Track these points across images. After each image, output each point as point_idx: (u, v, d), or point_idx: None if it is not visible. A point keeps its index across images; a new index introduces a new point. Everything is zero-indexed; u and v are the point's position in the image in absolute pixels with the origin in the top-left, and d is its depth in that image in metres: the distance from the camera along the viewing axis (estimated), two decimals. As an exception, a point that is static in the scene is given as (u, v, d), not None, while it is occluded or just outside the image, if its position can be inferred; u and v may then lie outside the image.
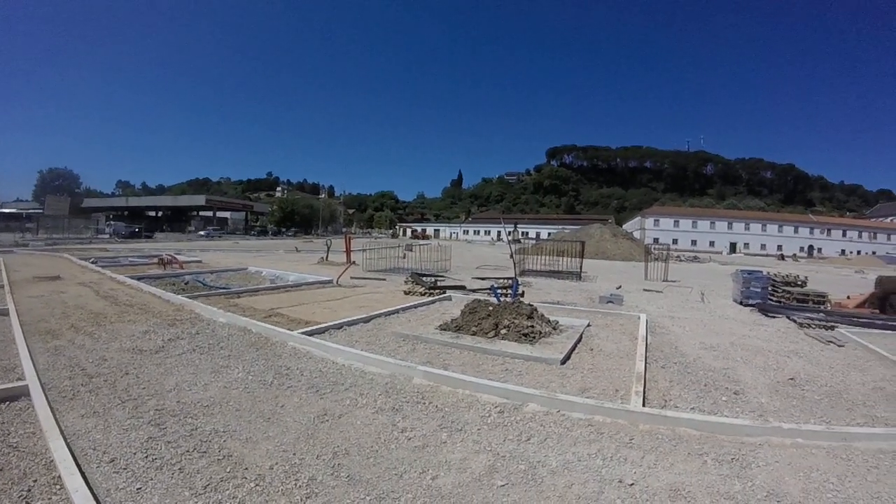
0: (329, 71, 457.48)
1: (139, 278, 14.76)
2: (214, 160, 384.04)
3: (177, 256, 21.45)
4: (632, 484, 3.90)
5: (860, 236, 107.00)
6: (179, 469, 3.81)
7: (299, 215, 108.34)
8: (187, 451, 4.08)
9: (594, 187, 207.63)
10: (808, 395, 6.43)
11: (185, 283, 14.82)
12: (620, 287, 18.42)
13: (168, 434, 4.39)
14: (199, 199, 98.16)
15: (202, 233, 74.22)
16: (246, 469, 3.85)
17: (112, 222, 68.97)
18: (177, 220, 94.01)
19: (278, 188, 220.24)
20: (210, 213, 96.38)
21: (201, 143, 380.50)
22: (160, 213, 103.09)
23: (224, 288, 14.22)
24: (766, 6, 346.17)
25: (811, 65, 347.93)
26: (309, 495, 3.54)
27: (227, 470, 3.82)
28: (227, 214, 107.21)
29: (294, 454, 4.14)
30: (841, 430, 5.04)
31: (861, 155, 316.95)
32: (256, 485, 3.63)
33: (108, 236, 57.30)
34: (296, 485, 3.66)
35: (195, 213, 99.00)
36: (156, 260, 20.79)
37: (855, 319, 12.11)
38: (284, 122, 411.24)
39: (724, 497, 3.75)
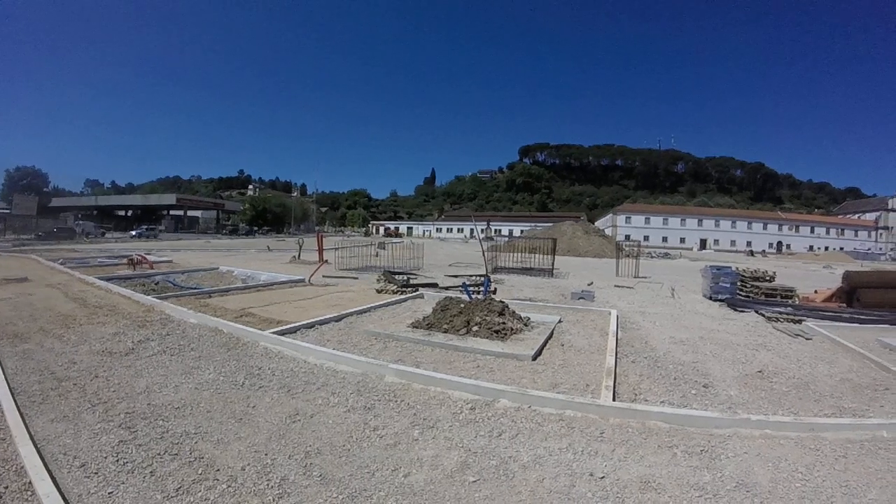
0: (302, 70, 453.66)
1: (108, 279, 14.55)
2: (185, 158, 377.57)
3: (147, 256, 21.16)
4: (602, 477, 3.98)
5: (828, 233, 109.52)
6: (151, 472, 3.79)
7: (271, 214, 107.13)
8: (158, 454, 4.07)
9: (566, 185, 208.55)
10: (777, 387, 6.60)
11: (156, 284, 14.65)
12: (592, 283, 18.59)
13: (139, 437, 4.36)
14: (170, 198, 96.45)
15: (133, 233, 63.35)
16: (218, 471, 3.85)
17: (81, 222, 67.40)
18: (147, 219, 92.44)
19: (250, 186, 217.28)
20: (181, 212, 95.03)
21: (172, 141, 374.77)
22: (130, 213, 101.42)
23: (195, 288, 14.08)
24: (736, 7, 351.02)
25: (781, 65, 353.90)
26: (281, 495, 3.56)
27: (199, 472, 3.82)
28: (198, 213, 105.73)
29: (266, 454, 4.15)
30: (809, 421, 5.18)
31: (829, 153, 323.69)
32: (228, 486, 3.64)
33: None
34: (268, 485, 3.67)
35: (166, 212, 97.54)
36: (125, 260, 20.49)
37: (822, 313, 12.41)
38: (256, 119, 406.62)
39: (694, 488, 3.84)
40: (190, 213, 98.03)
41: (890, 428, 5.10)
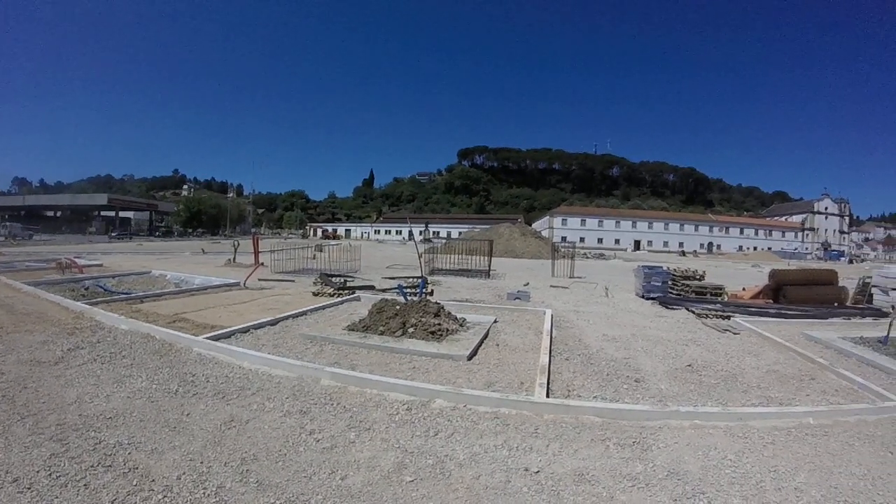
0: (238, 70, 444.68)
1: (36, 284, 13.97)
2: (117, 157, 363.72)
3: (76, 260, 20.42)
4: (537, 471, 4.12)
5: (756, 234, 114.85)
6: (84, 485, 3.73)
7: (206, 215, 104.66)
8: (91, 467, 4.00)
9: (504, 188, 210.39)
10: (706, 379, 6.95)
11: (86, 289, 14.16)
12: (528, 284, 18.91)
13: (71, 449, 4.28)
14: (101, 198, 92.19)
15: None
16: (153, 481, 3.82)
17: (8, 223, 64.06)
18: (77, 220, 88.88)
19: (185, 187, 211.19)
20: (112, 213, 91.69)
21: (103, 139, 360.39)
22: (59, 214, 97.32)
23: (126, 293, 13.66)
24: (665, 16, 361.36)
25: (710, 73, 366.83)
26: (218, 503, 3.58)
27: (134, 483, 3.79)
28: (130, 214, 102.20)
29: (202, 462, 4.13)
30: (737, 411, 5.48)
31: (758, 159, 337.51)
32: (164, 496, 3.62)
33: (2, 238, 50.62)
34: (204, 493, 3.68)
35: (96, 212, 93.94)
36: (54, 264, 19.72)
37: (750, 309, 13.06)
38: (191, 118, 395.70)
39: (627, 478, 4.04)
40: (122, 213, 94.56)
41: (816, 415, 5.45)
